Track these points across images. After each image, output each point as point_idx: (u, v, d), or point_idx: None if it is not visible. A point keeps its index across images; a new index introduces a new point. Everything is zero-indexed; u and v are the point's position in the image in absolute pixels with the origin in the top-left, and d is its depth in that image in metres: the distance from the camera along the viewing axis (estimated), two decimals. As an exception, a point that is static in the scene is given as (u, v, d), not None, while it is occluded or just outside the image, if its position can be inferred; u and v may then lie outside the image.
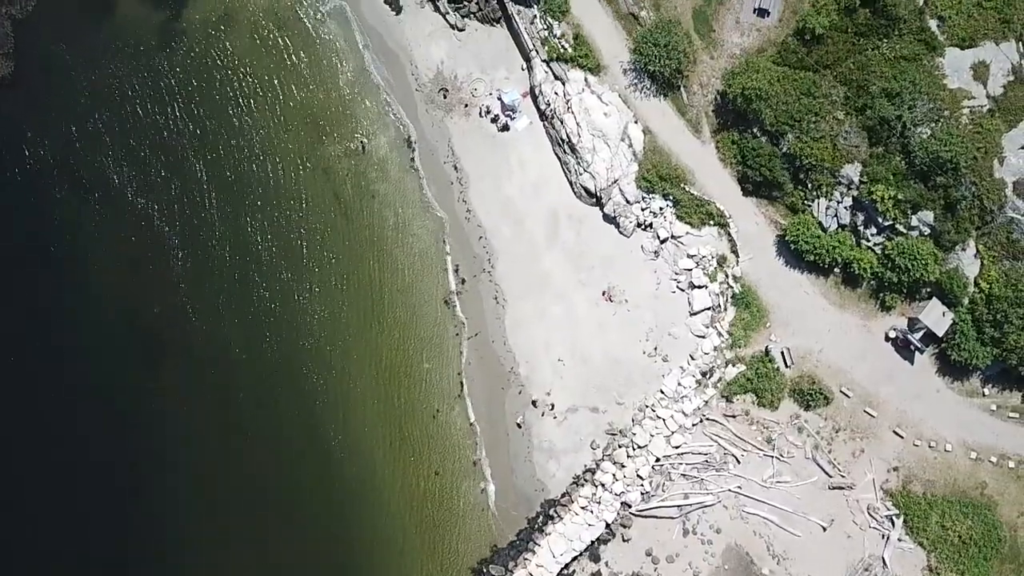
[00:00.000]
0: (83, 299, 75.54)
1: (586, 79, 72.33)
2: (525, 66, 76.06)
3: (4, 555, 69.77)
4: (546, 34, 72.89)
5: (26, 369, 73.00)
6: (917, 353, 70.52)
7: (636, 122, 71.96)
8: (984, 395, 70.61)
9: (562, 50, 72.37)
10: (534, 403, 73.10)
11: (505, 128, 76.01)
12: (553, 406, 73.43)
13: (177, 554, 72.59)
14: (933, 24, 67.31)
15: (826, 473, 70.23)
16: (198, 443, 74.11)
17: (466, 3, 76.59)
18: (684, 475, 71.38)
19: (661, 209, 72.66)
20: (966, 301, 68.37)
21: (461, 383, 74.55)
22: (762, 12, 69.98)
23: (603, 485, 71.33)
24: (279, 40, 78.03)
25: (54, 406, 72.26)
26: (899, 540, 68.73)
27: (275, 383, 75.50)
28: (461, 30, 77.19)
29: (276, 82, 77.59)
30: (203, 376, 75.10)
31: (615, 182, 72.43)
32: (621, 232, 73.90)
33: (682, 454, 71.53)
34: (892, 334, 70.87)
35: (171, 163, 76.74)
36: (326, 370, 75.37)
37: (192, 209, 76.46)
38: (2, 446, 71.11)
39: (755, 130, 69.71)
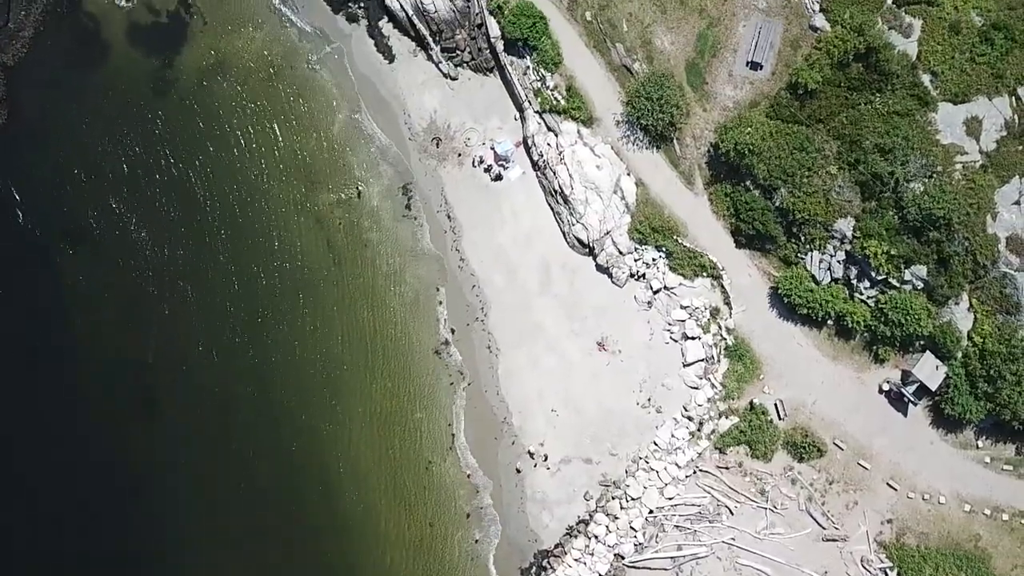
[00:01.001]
0: (76, 345, 75.50)
1: (579, 131, 72.24)
2: (518, 116, 75.91)
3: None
4: (539, 85, 72.79)
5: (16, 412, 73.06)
6: (911, 405, 70.35)
7: (629, 174, 71.88)
8: (978, 447, 70.45)
9: (555, 102, 72.27)
10: (530, 454, 72.94)
11: (498, 178, 75.94)
12: (547, 457, 73.29)
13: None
14: (926, 79, 67.24)
15: (820, 525, 70.07)
16: (190, 496, 73.93)
17: (459, 52, 76.48)
18: (678, 526, 71.23)
19: (654, 260, 72.59)
20: (959, 355, 68.22)
21: (453, 434, 74.36)
22: (755, 65, 69.86)
23: (596, 536, 71.25)
24: (272, 88, 78.03)
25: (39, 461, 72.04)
26: (893, 593, 68.74)
27: (267, 431, 75.32)
28: (454, 79, 77.10)
29: (269, 130, 77.57)
30: (194, 425, 74.96)
31: (608, 233, 72.33)
32: (614, 282, 73.81)
33: (675, 505, 71.41)
34: (885, 386, 70.76)
35: (164, 209, 76.77)
36: (320, 419, 75.20)
37: (186, 256, 76.38)
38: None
39: (748, 183, 69.62)
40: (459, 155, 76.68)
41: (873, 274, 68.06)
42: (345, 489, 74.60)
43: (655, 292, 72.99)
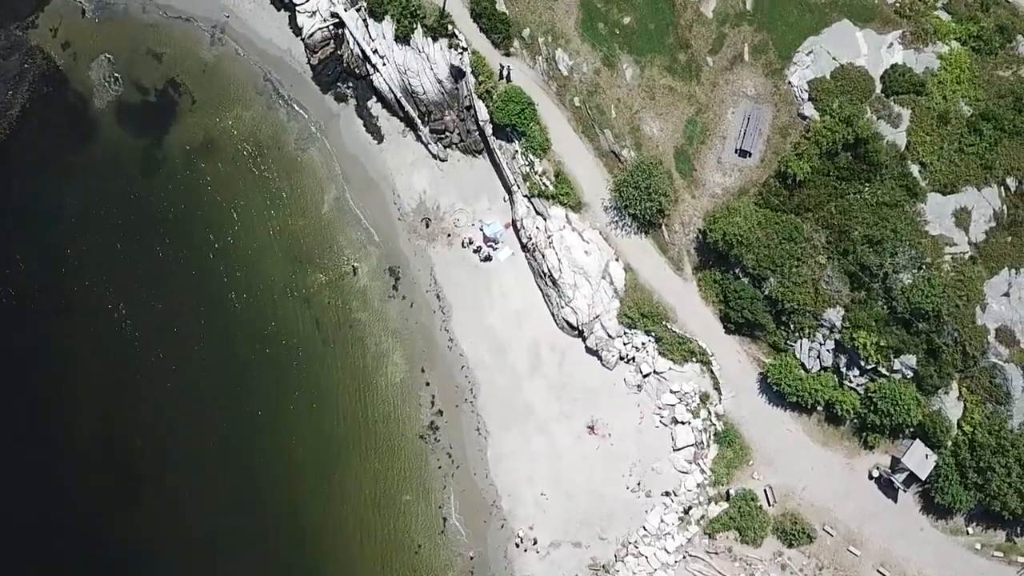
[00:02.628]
0: (63, 424, 75.20)
1: (567, 216, 72.08)
2: (507, 197, 75.76)
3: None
4: (527, 170, 72.66)
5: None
6: (901, 491, 70.05)
7: (617, 259, 71.69)
8: (968, 534, 70.09)
9: (543, 187, 72.13)
10: (519, 538, 72.63)
11: (487, 258, 75.83)
12: (536, 540, 72.99)
13: None
14: (915, 169, 67.09)
15: (810, 611, 69.84)
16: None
17: (448, 134, 76.41)
18: (668, 611, 71.01)
19: (643, 344, 72.36)
20: (949, 443, 67.92)
21: (444, 517, 74.05)
22: (744, 153, 69.72)
23: (586, 622, 70.96)
24: (261, 167, 78.08)
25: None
26: None
27: (253, 510, 74.99)
28: (443, 160, 77.05)
29: (258, 209, 77.64)
30: (184, 505, 74.65)
31: (597, 318, 72.16)
32: (604, 365, 73.60)
33: (665, 590, 71.14)
34: (875, 473, 70.48)
35: (153, 287, 76.81)
36: (308, 500, 74.92)
37: (174, 337, 76.13)
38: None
39: (737, 271, 69.40)
40: (448, 235, 76.53)
41: (862, 363, 67.77)
42: (334, 573, 74.11)
43: (645, 376, 72.72)
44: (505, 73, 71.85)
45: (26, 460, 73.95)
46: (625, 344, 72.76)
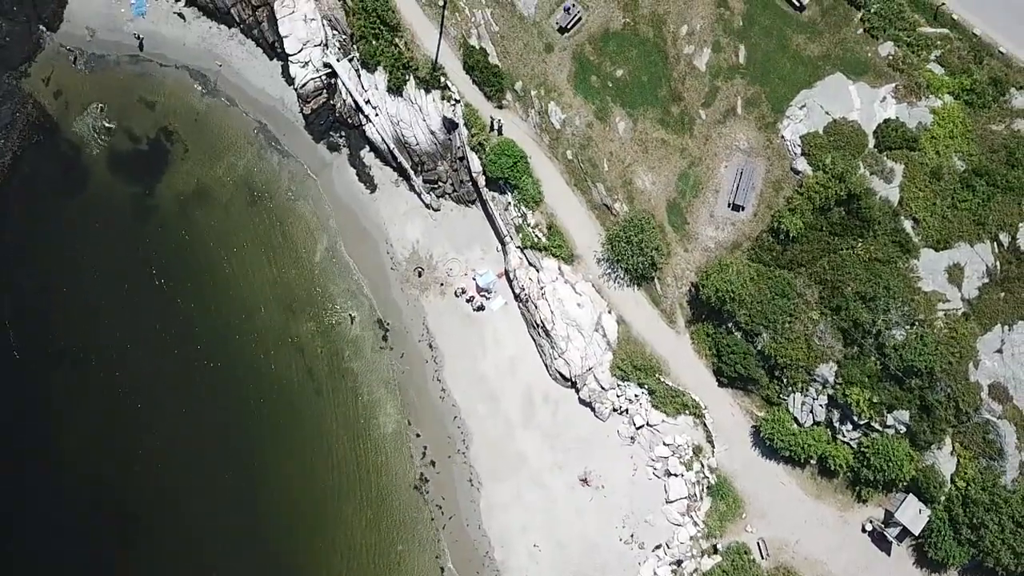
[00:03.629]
0: (51, 474, 74.84)
1: (560, 268, 71.89)
2: (500, 247, 75.61)
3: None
4: (520, 222, 72.50)
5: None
6: (894, 544, 69.93)
7: (610, 312, 71.52)
8: (962, 588, 70.02)
9: (536, 239, 71.94)
10: (509, 588, 72.56)
11: (480, 308, 75.71)
12: (529, 592, 72.83)
13: None
14: (908, 225, 66.94)
15: (804, 665, 69.61)
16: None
17: (441, 184, 76.32)
18: (661, 665, 70.80)
19: (636, 396, 72.21)
20: (943, 499, 67.81)
21: (441, 568, 73.83)
22: (737, 207, 69.55)
23: (579, 675, 70.75)
24: (253, 216, 77.97)
25: None
26: None
27: (246, 560, 74.77)
28: (436, 210, 76.90)
29: (250, 258, 77.49)
30: (178, 553, 74.42)
31: (590, 370, 72.00)
32: (597, 416, 73.46)
33: (658, 644, 70.95)
34: (869, 526, 70.31)
35: (145, 335, 76.31)
36: (300, 549, 74.67)
37: (166, 383, 76.03)
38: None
39: (729, 325, 69.26)
40: (441, 285, 76.38)
41: (855, 418, 67.64)
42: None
43: (638, 428, 72.58)
44: (496, 126, 71.69)
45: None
46: (618, 396, 72.61)
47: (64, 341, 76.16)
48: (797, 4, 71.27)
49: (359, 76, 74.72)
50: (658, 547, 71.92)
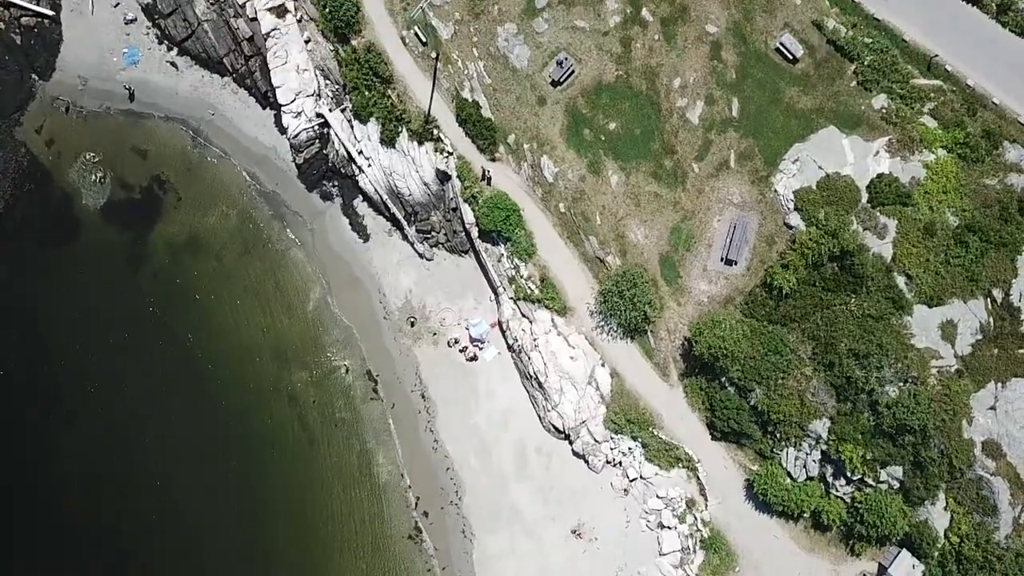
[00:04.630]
0: (45, 523, 74.56)
1: (553, 320, 71.75)
2: (493, 296, 75.50)
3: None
4: (513, 273, 72.36)
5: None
6: (889, 597, 69.83)
7: (603, 365, 71.36)
8: (956, 642, 69.70)
9: (529, 291, 71.79)
10: (502, 641, 72.26)
11: (473, 358, 75.58)
12: (521, 644, 72.58)
13: None
14: (901, 281, 66.85)
15: None
16: None
17: (434, 234, 76.20)
18: None
19: (630, 449, 72.06)
20: (936, 554, 67.62)
21: (434, 621, 73.78)
22: (729, 261, 69.44)
23: None
24: (246, 265, 77.79)
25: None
26: None
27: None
28: (429, 259, 76.82)
29: (242, 307, 77.23)
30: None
31: (583, 423, 71.81)
32: (591, 468, 73.27)
33: None
34: (862, 580, 70.24)
35: (136, 384, 75.91)
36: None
37: (158, 433, 75.67)
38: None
39: (723, 380, 69.11)
40: (434, 334, 76.26)
41: (849, 474, 67.48)
42: None
43: (631, 480, 72.39)
44: (486, 176, 71.62)
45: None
46: (612, 449, 72.46)
47: (53, 392, 75.57)
48: (790, 57, 71.24)
49: (352, 127, 74.62)
50: (652, 600, 71.71)
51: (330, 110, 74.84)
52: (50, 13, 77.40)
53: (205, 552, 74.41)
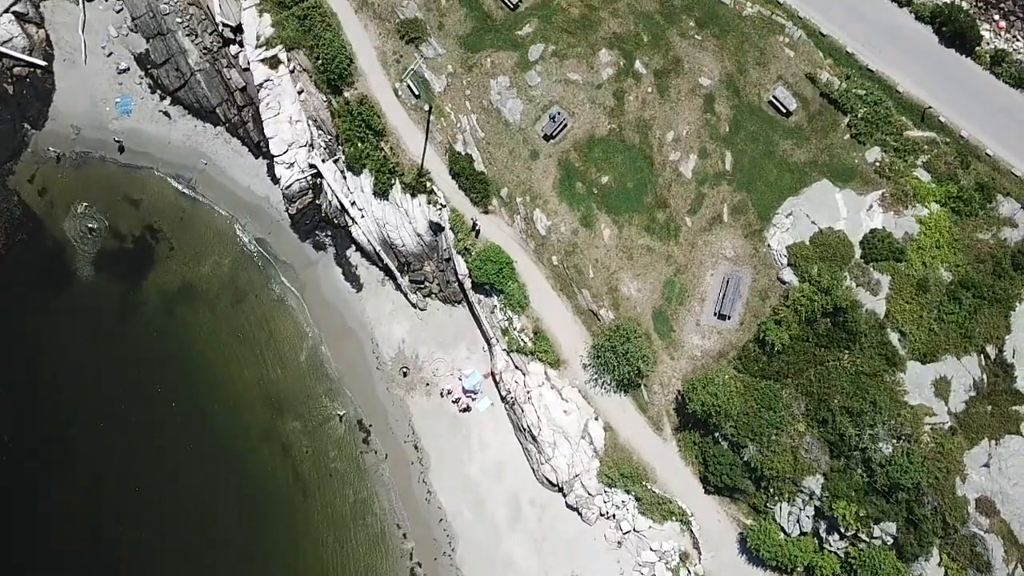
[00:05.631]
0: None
1: (546, 373, 71.56)
2: (486, 347, 75.33)
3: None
4: (506, 325, 72.19)
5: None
6: (882, 653, 69.49)
7: (597, 419, 71.19)
8: None
9: (522, 343, 71.61)
10: None
11: (467, 409, 75.38)
12: None
13: None
14: (894, 338, 66.69)
15: None
16: None
17: (427, 283, 76.08)
18: None
19: (623, 502, 71.82)
20: (931, 610, 67.52)
21: (434, 670, 73.49)
22: (723, 316, 69.27)
23: None
24: (239, 314, 77.59)
25: None
26: None
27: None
28: (422, 309, 76.65)
29: (235, 356, 76.99)
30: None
31: (577, 476, 71.60)
32: (584, 520, 73.01)
33: None
34: (856, 635, 69.83)
35: (128, 434, 75.57)
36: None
37: (149, 482, 75.35)
38: None
39: (716, 435, 68.94)
40: (427, 385, 76.06)
41: (842, 530, 67.28)
42: None
43: (625, 533, 72.15)
44: (475, 228, 71.49)
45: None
46: (605, 502, 72.23)
47: (42, 442, 75.30)
48: (784, 110, 71.22)
49: (345, 178, 74.51)
50: (646, 654, 71.47)
51: (323, 161, 74.71)
52: (43, 63, 77.20)
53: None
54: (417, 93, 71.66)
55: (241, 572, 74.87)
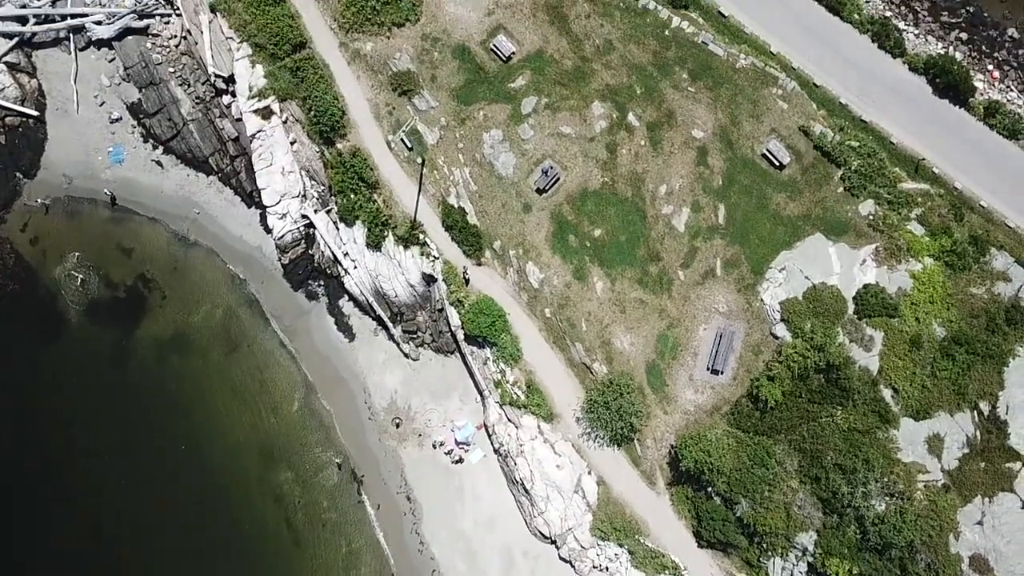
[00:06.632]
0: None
1: (539, 426, 71.32)
2: (479, 398, 75.11)
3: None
4: (499, 377, 71.94)
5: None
6: None
7: (590, 473, 70.91)
8: None
9: (515, 396, 71.36)
10: None
11: (459, 460, 75.12)
12: None
13: None
14: (887, 394, 66.55)
15: None
16: None
17: (420, 333, 75.86)
18: None
19: (616, 555, 71.50)
20: (925, 666, 67.23)
21: None
22: (715, 371, 69.09)
23: None
24: (231, 364, 77.20)
25: None
26: None
27: None
28: (415, 359, 76.43)
29: (228, 406, 76.66)
30: None
31: (570, 530, 71.35)
32: (577, 573, 72.69)
33: None
34: None
35: (119, 482, 75.21)
36: None
37: (141, 530, 75.05)
38: None
39: (709, 490, 68.73)
40: (420, 436, 75.81)
41: (836, 586, 67.11)
42: None
43: (618, 586, 71.89)
44: (465, 276, 71.31)
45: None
46: (598, 555, 71.88)
47: (32, 491, 74.93)
48: (777, 163, 71.13)
49: (337, 229, 74.32)
50: None
51: (316, 211, 74.52)
52: (35, 113, 76.99)
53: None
54: (410, 146, 71.51)
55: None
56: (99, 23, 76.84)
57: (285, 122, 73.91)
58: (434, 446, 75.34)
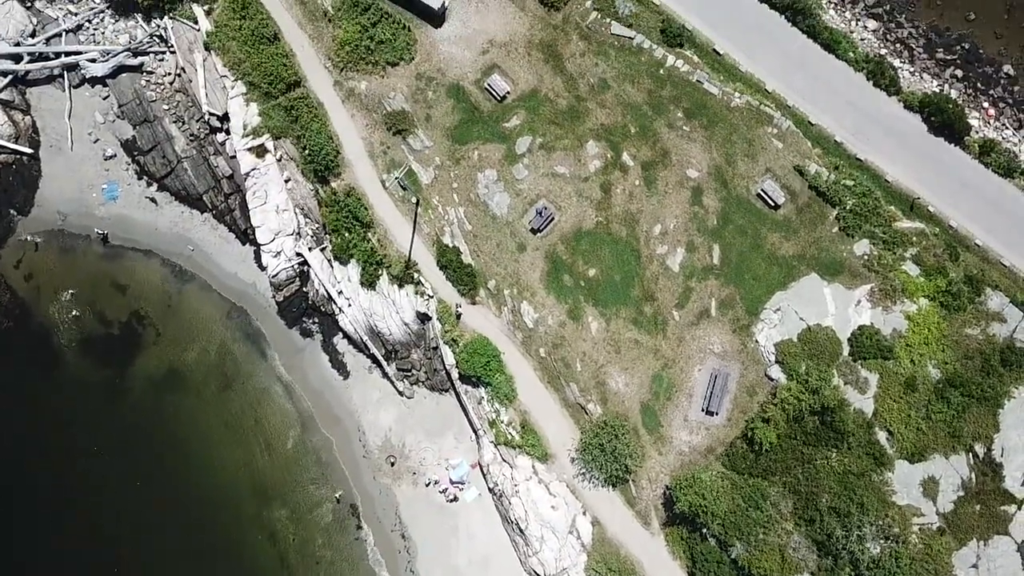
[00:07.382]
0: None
1: (534, 466, 71.11)
2: (474, 436, 74.94)
3: None
4: (493, 417, 71.78)
5: None
6: None
7: (585, 513, 70.73)
8: None
9: (509, 436, 71.18)
10: None
11: (454, 499, 74.92)
12: None
13: None
14: (882, 437, 66.45)
15: None
16: None
17: (414, 371, 75.74)
18: None
19: (611, 596, 71.34)
20: None
21: None
22: (710, 412, 68.95)
23: None
24: (225, 401, 77.41)
25: None
26: None
27: None
28: (409, 397, 76.29)
29: (222, 443, 76.68)
30: None
31: (564, 570, 71.08)
32: (572, 612, 72.48)
33: None
34: None
35: (112, 520, 75.10)
36: None
37: (132, 571, 74.97)
38: None
39: (704, 531, 68.52)
40: (414, 474, 75.62)
41: (831, 628, 66.89)
42: None
43: (613, 627, 71.61)
44: (457, 312, 71.17)
45: None
46: (593, 596, 71.72)
47: (26, 527, 74.77)
48: (772, 203, 71.03)
49: (332, 267, 74.17)
50: None
51: (310, 249, 74.39)
52: (29, 150, 76.85)
53: None
54: (404, 186, 71.38)
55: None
56: (93, 60, 76.80)
57: (279, 160, 73.80)
58: (427, 485, 75.11)
